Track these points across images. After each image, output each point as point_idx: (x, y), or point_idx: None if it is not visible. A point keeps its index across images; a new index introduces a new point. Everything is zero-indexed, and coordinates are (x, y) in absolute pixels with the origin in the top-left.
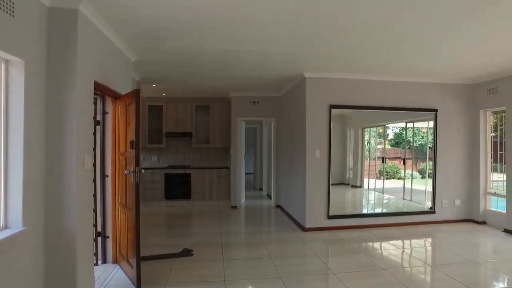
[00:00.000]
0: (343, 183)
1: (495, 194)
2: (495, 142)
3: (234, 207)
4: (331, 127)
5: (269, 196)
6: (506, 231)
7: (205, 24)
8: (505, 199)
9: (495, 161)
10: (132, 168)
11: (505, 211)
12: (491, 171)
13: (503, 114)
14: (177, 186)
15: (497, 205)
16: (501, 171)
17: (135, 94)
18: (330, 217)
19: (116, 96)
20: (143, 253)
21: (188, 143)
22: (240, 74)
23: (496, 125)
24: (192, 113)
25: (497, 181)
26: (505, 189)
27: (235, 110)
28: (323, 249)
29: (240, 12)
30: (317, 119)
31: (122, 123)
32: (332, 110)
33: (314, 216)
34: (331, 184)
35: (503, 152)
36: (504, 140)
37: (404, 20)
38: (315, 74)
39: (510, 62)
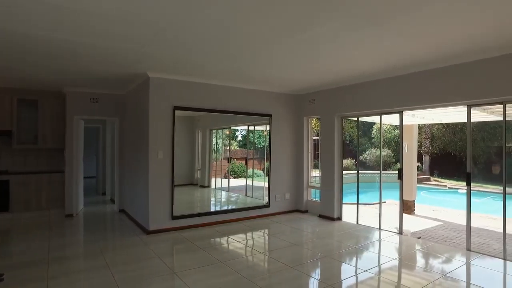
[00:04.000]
0: (191, 184)
1: (313, 187)
2: (314, 144)
3: (70, 216)
4: (178, 128)
5: (112, 201)
6: (320, 216)
7: (31, 6)
8: (319, 190)
9: (315, 160)
10: None
11: (319, 200)
12: (312, 168)
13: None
14: None
15: (315, 196)
16: (318, 168)
17: None
18: (174, 217)
19: None
20: None
21: (6, 143)
22: (77, 67)
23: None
24: (12, 107)
25: (315, 176)
26: (319, 182)
27: (72, 107)
28: (166, 250)
29: (81, 2)
30: (160, 119)
31: None
32: (179, 111)
33: (158, 217)
34: (180, 185)
35: (319, 152)
36: (320, 142)
37: (243, 34)
38: (160, 74)
39: (324, 80)
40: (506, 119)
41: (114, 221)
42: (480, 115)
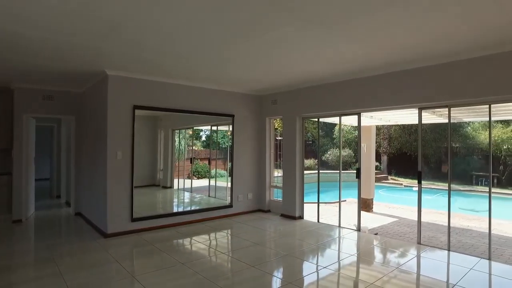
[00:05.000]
0: (153, 185)
1: (276, 186)
2: (277, 145)
3: (18, 221)
4: (140, 128)
5: (68, 204)
6: (283, 215)
7: None
8: (282, 190)
9: (277, 160)
10: None
11: (281, 200)
12: (274, 168)
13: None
14: None
15: (277, 196)
16: (280, 167)
17: None
18: (134, 219)
19: None
20: None
21: None
22: (27, 62)
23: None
24: None
25: (277, 176)
26: (281, 182)
27: (21, 105)
28: (126, 254)
29: None
30: (120, 119)
31: None
32: (140, 111)
33: (117, 220)
34: (141, 186)
35: (281, 152)
36: (282, 142)
37: (202, 35)
38: (119, 72)
39: (284, 81)
40: (452, 121)
41: (70, 225)
42: (430, 118)
